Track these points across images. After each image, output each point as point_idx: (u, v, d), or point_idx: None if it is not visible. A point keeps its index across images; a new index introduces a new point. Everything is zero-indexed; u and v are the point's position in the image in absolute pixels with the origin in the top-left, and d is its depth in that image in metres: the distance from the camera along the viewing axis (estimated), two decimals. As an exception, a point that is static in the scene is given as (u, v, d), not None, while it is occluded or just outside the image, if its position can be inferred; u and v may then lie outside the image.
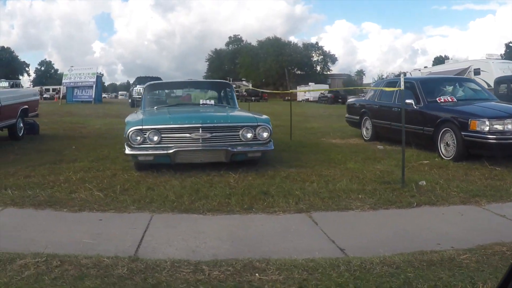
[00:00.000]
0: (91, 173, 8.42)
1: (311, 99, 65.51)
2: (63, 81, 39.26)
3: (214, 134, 8.26)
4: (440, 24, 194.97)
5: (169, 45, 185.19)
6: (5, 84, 37.14)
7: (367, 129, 13.88)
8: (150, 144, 8.16)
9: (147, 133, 8.14)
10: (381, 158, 10.04)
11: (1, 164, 9.10)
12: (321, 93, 63.09)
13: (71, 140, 13.55)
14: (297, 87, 71.73)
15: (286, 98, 65.89)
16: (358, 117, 14.38)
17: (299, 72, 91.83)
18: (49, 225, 5.58)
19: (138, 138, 8.13)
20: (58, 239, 5.03)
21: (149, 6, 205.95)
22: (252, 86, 56.78)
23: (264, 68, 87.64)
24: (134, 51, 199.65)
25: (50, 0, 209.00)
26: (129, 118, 9.01)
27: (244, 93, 54.81)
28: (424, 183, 7.55)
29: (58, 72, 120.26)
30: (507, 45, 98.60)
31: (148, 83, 11.04)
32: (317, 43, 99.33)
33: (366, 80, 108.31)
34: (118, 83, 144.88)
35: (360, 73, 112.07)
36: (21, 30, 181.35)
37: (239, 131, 8.40)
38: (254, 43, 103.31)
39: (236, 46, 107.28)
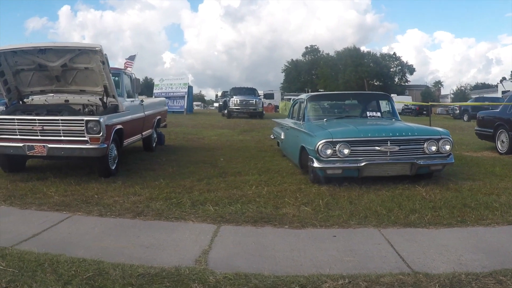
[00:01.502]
0: (273, 187, 8.04)
1: (394, 111, 63.87)
2: (154, 91, 39.32)
3: (401, 147, 7.91)
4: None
5: (239, 55, 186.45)
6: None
7: (502, 142, 13.21)
8: (339, 157, 7.77)
9: (337, 146, 7.74)
10: (540, 171, 9.65)
11: (166, 177, 8.78)
12: (405, 104, 61.48)
13: (208, 152, 13.22)
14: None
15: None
16: (492, 130, 13.73)
17: (377, 83, 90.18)
18: (291, 244, 5.22)
19: (328, 151, 7.73)
20: (316, 257, 4.79)
21: (218, 17, 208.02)
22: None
23: (343, 80, 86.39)
24: (204, 62, 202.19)
25: (120, 11, 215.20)
26: (310, 130, 8.63)
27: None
28: None
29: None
30: None
31: (310, 95, 10.76)
32: (394, 53, 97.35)
33: (444, 91, 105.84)
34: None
35: (438, 84, 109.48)
36: (92, 41, 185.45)
37: (423, 144, 8.01)
38: (328, 53, 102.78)
39: (313, 56, 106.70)
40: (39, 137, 8.21)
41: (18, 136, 8.28)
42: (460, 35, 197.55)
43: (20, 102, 9.82)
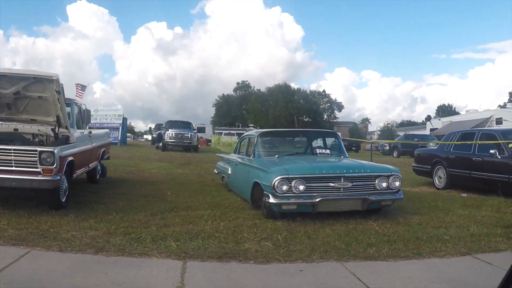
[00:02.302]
0: (228, 222, 8.08)
1: (323, 147, 64.92)
2: (88, 122, 38.70)
3: (354, 183, 8.20)
4: (439, 72, 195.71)
5: (169, 88, 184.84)
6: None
7: (440, 177, 13.96)
8: (294, 193, 7.96)
9: (293, 182, 7.93)
10: (477, 205, 10.30)
11: (118, 211, 8.63)
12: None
13: (152, 185, 13.16)
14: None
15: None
16: (429, 167, 14.46)
17: (307, 119, 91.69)
18: (262, 279, 5.32)
19: (284, 187, 7.91)
20: None
21: (150, 49, 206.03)
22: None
23: (273, 115, 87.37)
24: (134, 93, 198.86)
25: (53, 39, 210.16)
26: (264, 167, 8.79)
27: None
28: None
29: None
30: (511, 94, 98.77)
31: (260, 131, 10.91)
32: (324, 90, 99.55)
33: (371, 127, 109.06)
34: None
35: (365, 121, 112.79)
36: (23, 67, 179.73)
37: (374, 181, 8.35)
38: (259, 89, 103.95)
39: (244, 92, 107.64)
40: None
41: None
42: (387, 74, 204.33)
43: None
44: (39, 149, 7.97)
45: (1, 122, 9.69)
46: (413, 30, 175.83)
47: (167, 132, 33.01)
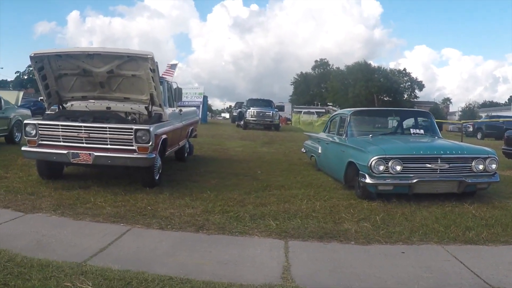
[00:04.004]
0: (323, 202, 7.97)
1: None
2: (169, 100, 39.08)
3: (451, 165, 7.94)
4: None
5: (246, 66, 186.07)
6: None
7: None
8: (391, 173, 7.76)
9: (390, 162, 7.73)
10: None
11: (212, 189, 8.64)
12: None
13: (241, 163, 13.15)
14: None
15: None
16: None
17: (387, 98, 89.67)
18: (365, 260, 5.25)
19: (381, 167, 7.73)
20: (397, 274, 4.84)
21: (227, 27, 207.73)
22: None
23: (353, 94, 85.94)
24: (210, 71, 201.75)
25: (129, 18, 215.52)
26: (359, 146, 8.60)
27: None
28: None
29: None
30: None
31: (352, 110, 10.54)
32: (404, 69, 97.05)
33: (452, 108, 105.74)
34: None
35: (446, 100, 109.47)
36: (100, 46, 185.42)
37: (471, 163, 8.04)
38: (338, 67, 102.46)
39: (322, 70, 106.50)
40: (85, 145, 8.09)
41: (62, 143, 8.16)
42: (467, 52, 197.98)
43: (60, 107, 9.69)
44: (134, 127, 8.04)
45: (93, 101, 9.85)
46: (494, 6, 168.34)
47: (248, 110, 32.97)
